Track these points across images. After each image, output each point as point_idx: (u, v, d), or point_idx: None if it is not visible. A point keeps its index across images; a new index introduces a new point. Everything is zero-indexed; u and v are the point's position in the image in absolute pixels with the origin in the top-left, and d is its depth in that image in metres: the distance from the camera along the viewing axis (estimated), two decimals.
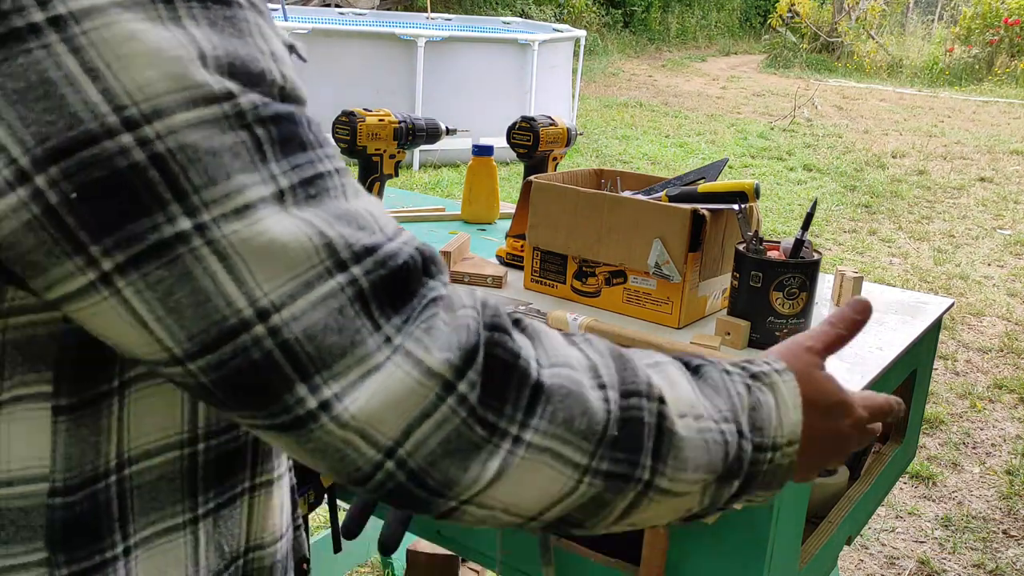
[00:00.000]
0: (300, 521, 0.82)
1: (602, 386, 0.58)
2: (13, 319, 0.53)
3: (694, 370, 0.63)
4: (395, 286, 0.52)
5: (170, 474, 0.61)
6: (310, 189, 0.51)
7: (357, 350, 0.50)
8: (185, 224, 0.46)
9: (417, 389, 0.51)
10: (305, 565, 0.84)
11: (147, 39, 0.45)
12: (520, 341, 0.57)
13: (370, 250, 0.51)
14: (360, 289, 0.50)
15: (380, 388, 0.50)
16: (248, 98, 0.48)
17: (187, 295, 0.47)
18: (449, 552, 2.06)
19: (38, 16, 0.44)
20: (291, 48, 0.61)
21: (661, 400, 0.59)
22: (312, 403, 0.50)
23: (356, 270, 0.50)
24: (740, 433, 0.62)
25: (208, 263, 0.47)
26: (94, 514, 0.58)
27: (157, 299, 0.47)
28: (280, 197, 0.49)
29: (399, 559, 2.23)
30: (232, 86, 0.48)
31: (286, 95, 0.53)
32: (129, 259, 0.46)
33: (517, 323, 0.60)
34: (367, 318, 0.50)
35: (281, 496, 0.72)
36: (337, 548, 1.46)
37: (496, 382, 0.53)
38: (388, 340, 0.51)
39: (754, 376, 0.65)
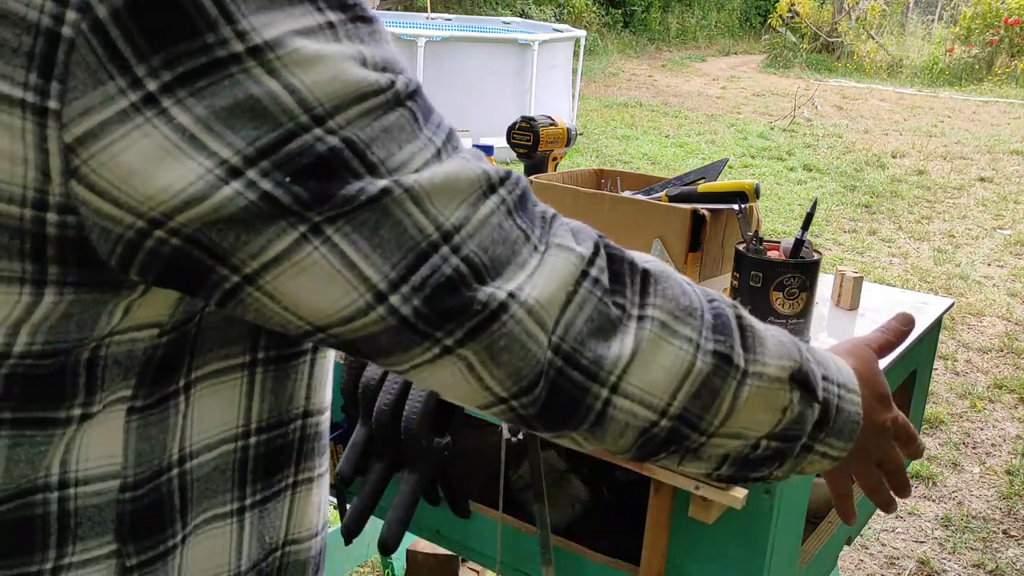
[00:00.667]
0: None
1: (688, 283, 0.67)
2: (119, 336, 0.58)
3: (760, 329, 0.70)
4: (525, 202, 0.61)
5: (224, 466, 0.67)
6: (452, 142, 0.59)
7: (518, 256, 0.58)
8: (381, 183, 0.54)
9: (573, 272, 0.59)
10: None
11: (325, 56, 0.53)
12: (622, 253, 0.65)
13: (505, 176, 0.60)
14: (508, 208, 0.59)
15: (549, 275, 0.58)
16: (400, 81, 0.57)
17: (388, 230, 0.54)
18: (449, 552, 2.06)
19: (238, 47, 0.51)
20: None
21: (735, 307, 0.68)
22: (502, 294, 0.57)
23: (503, 191, 0.59)
24: (802, 353, 0.69)
25: (405, 204, 0.54)
26: (159, 506, 0.63)
27: (365, 239, 0.53)
28: (438, 153, 0.57)
29: (399, 559, 2.23)
30: (388, 77, 0.56)
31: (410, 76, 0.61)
32: (340, 215, 0.53)
33: None
34: (519, 230, 0.59)
35: (320, 494, 0.77)
36: (348, 541, 1.46)
37: (615, 268, 0.61)
38: (539, 240, 0.59)
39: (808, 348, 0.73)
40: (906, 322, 0.85)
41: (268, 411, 0.69)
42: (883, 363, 1.24)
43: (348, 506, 1.20)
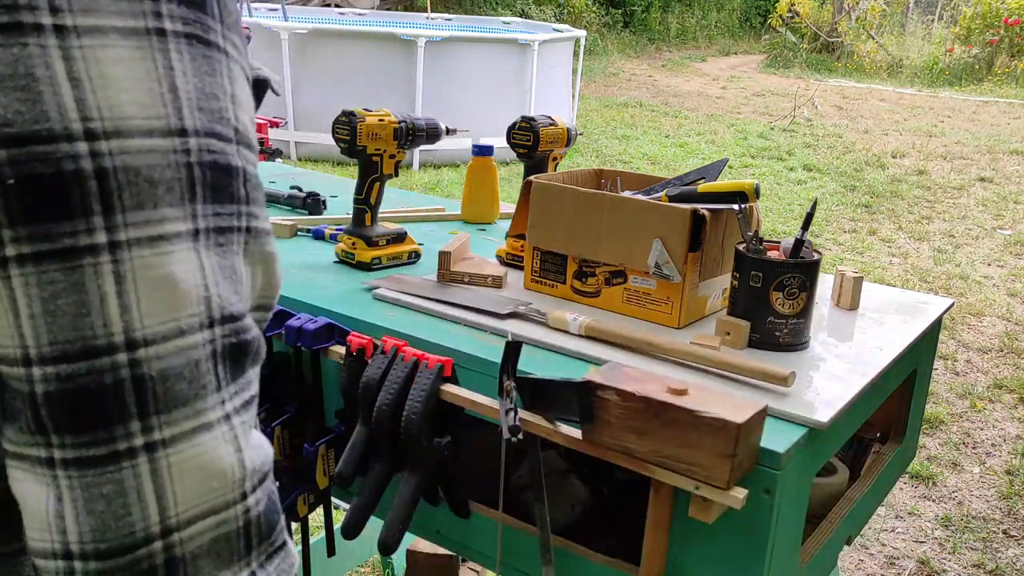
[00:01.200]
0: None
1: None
2: None
3: None
4: (239, 357, 0.56)
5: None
6: (220, 239, 0.55)
7: (198, 403, 0.53)
8: (101, 238, 0.49)
9: (227, 472, 0.54)
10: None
11: (132, 66, 0.49)
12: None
13: (232, 318, 0.55)
14: (215, 349, 0.54)
15: (200, 453, 0.53)
16: (200, 140, 0.52)
17: (71, 304, 0.49)
18: (449, 552, 2.06)
19: (46, 19, 0.47)
20: (266, 83, 0.65)
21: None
22: (138, 441, 0.51)
23: (218, 331, 0.54)
24: None
25: (104, 281, 0.49)
26: None
27: (41, 298, 0.48)
28: (195, 235, 0.53)
29: (399, 559, 2.23)
30: (190, 124, 0.52)
31: (240, 139, 0.57)
32: (34, 253, 0.48)
33: None
34: (213, 376, 0.54)
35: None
36: (331, 552, 1.46)
37: (270, 515, 0.58)
38: (223, 403, 0.54)
39: None
40: None
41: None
42: (882, 363, 1.25)
43: (348, 506, 1.21)
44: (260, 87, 0.69)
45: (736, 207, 1.28)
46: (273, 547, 0.59)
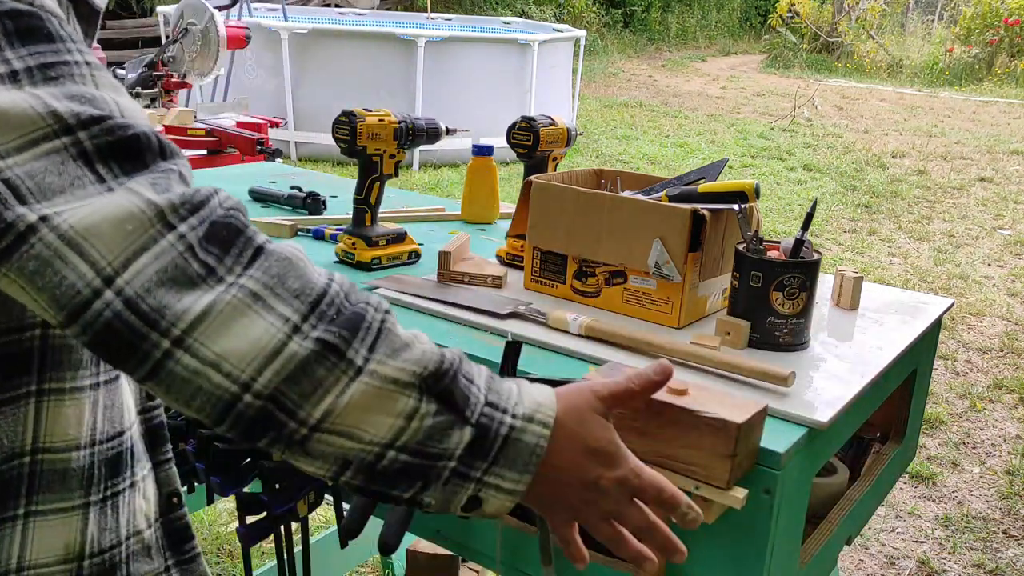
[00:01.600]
0: (169, 455, 0.91)
1: (331, 279, 0.65)
2: None
3: (441, 374, 0.66)
4: (125, 151, 0.60)
5: None
6: (49, 72, 0.59)
7: (76, 191, 0.58)
8: None
9: (136, 214, 0.58)
10: (176, 499, 0.91)
11: None
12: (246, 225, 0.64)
13: (97, 120, 0.60)
14: (83, 149, 0.59)
15: (99, 208, 0.57)
16: None
17: None
18: (449, 552, 2.06)
19: None
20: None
21: (388, 312, 0.65)
22: (31, 217, 0.57)
23: (81, 134, 0.59)
24: (453, 367, 0.66)
25: None
26: None
27: None
28: (13, 77, 0.57)
29: (399, 559, 2.23)
30: None
31: None
32: None
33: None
34: (89, 171, 0.59)
35: (81, 409, 0.78)
36: (344, 543, 1.46)
37: (223, 236, 0.60)
38: (111, 189, 0.59)
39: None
40: (661, 371, 0.78)
41: None
42: (882, 363, 1.25)
43: (348, 506, 1.20)
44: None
45: (736, 207, 1.28)
46: (244, 256, 0.61)
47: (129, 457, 0.85)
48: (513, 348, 1.09)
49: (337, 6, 11.07)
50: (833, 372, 1.20)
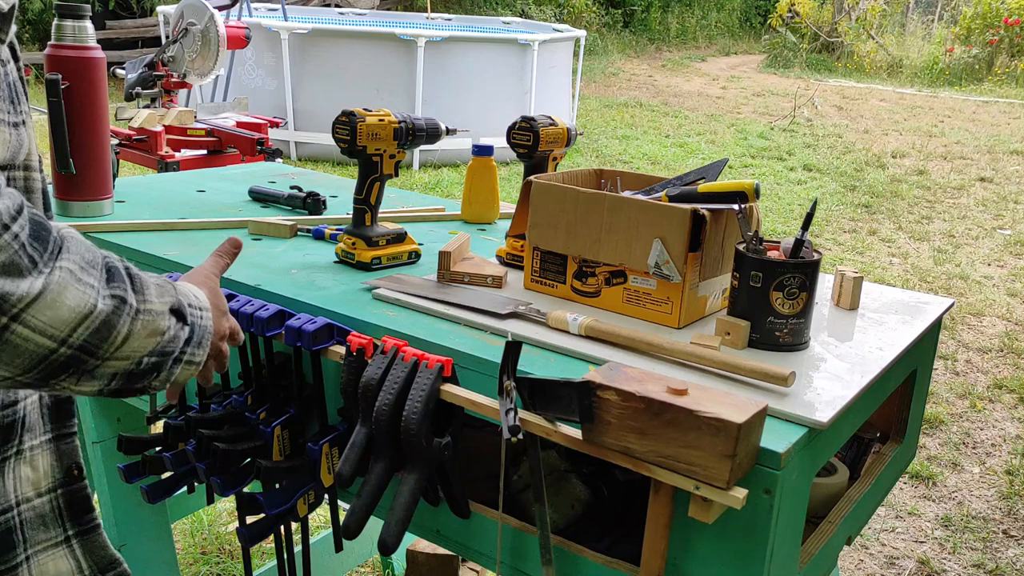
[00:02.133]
0: (74, 429, 1.03)
1: (89, 247, 0.81)
2: None
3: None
4: None
5: None
6: None
7: None
8: None
9: None
10: (77, 472, 1.03)
11: None
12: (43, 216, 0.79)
13: None
14: None
15: None
16: None
17: None
18: (449, 552, 2.06)
19: None
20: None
21: (123, 260, 0.85)
22: None
23: None
24: (176, 290, 0.91)
25: None
26: None
27: None
28: None
29: (399, 559, 2.23)
30: None
31: None
32: None
33: None
34: None
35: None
36: (339, 547, 1.46)
37: (38, 231, 0.75)
38: None
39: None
40: (234, 243, 1.14)
41: None
42: (882, 363, 1.25)
43: (348, 506, 1.21)
44: None
45: (736, 207, 1.28)
46: (58, 244, 0.76)
47: (20, 427, 0.96)
48: (513, 348, 1.09)
49: (337, 6, 11.07)
50: (833, 372, 1.20)
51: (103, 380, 0.83)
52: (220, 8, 4.41)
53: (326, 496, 1.37)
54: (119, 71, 4.07)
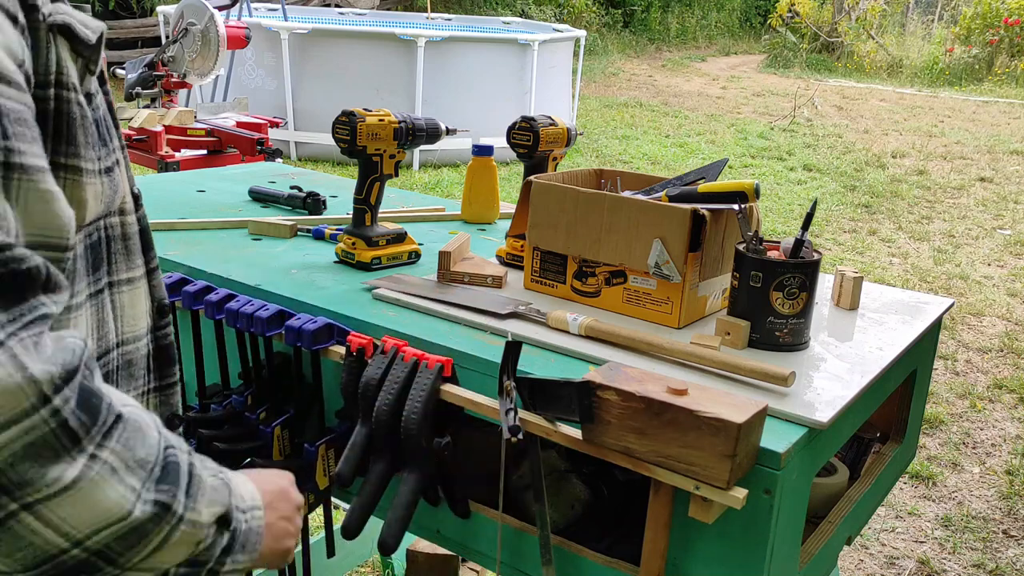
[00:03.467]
0: (175, 380, 0.94)
1: (159, 431, 0.70)
2: None
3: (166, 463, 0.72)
4: (11, 286, 0.58)
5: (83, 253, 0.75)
6: None
7: None
8: None
9: (15, 391, 0.57)
10: (176, 420, 0.96)
11: None
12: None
13: None
14: None
15: None
16: None
17: None
18: (449, 552, 2.06)
19: None
20: (69, 28, 0.69)
21: (190, 454, 0.73)
22: None
23: None
24: (230, 491, 0.78)
25: None
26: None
27: None
28: None
29: (399, 559, 2.23)
30: None
31: None
32: None
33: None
34: None
35: (138, 298, 0.84)
36: (331, 552, 1.46)
37: (92, 404, 0.62)
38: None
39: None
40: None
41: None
42: (882, 363, 1.25)
43: (348, 506, 1.20)
44: (68, 35, 0.72)
45: (736, 207, 1.28)
46: (106, 426, 0.64)
47: (116, 375, 0.87)
48: (513, 348, 1.09)
49: (337, 6, 11.07)
50: (833, 372, 1.20)
51: None
52: (220, 8, 4.41)
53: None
54: (119, 71, 4.07)
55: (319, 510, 1.44)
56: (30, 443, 0.58)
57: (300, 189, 1.94)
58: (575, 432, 1.05)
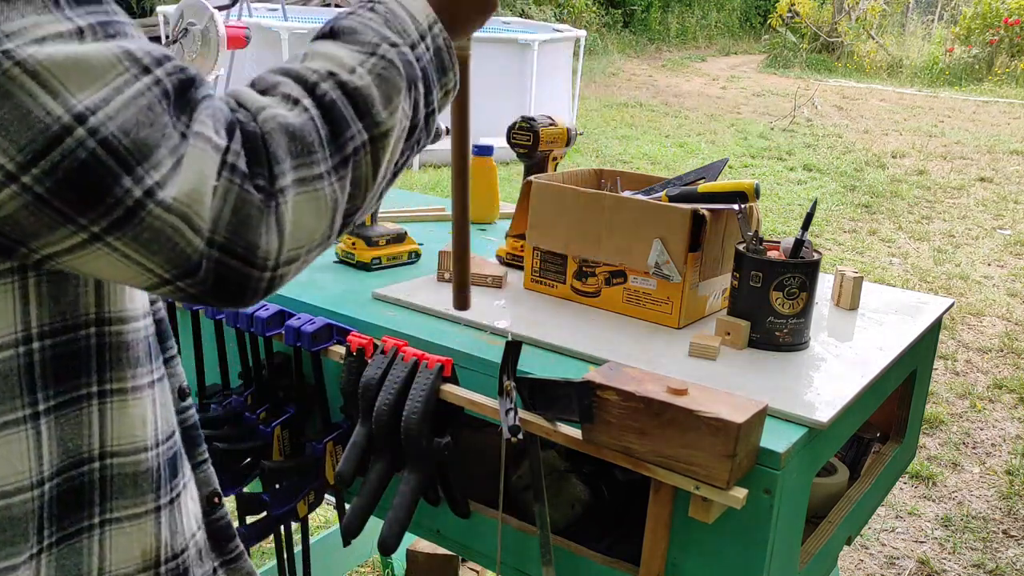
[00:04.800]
0: (205, 456, 0.91)
1: (295, 101, 0.67)
2: None
3: (335, 33, 0.73)
4: (186, 89, 0.62)
5: (7, 371, 0.68)
6: (108, 29, 0.60)
7: (167, 141, 0.59)
8: None
9: (212, 164, 0.60)
10: (217, 499, 0.90)
11: None
12: (242, 110, 0.66)
13: (169, 58, 0.61)
14: (165, 88, 0.60)
15: (188, 168, 0.59)
16: None
17: (9, 111, 0.55)
18: (449, 552, 2.06)
19: None
20: None
21: (332, 74, 0.69)
22: (138, 192, 0.58)
23: (159, 72, 0.60)
24: (395, 45, 0.73)
25: (22, 81, 0.55)
26: None
27: None
28: (80, 33, 0.57)
29: (399, 559, 2.23)
30: None
31: None
32: None
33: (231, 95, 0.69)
34: (170, 114, 0.60)
35: (144, 407, 0.77)
36: (347, 542, 1.46)
37: (250, 147, 0.63)
38: (187, 128, 0.60)
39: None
40: None
41: (49, 316, 0.69)
42: (882, 363, 1.25)
43: (348, 506, 1.21)
44: None
45: (736, 207, 1.28)
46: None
47: (180, 456, 0.84)
48: (513, 348, 1.09)
49: (337, 6, 11.07)
50: (833, 372, 1.20)
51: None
52: (220, 8, 4.41)
53: (327, 495, 1.37)
54: None
55: (321, 508, 1.44)
56: (233, 208, 0.61)
57: None
58: (575, 432, 1.05)
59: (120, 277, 0.62)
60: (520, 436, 1.03)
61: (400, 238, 1.57)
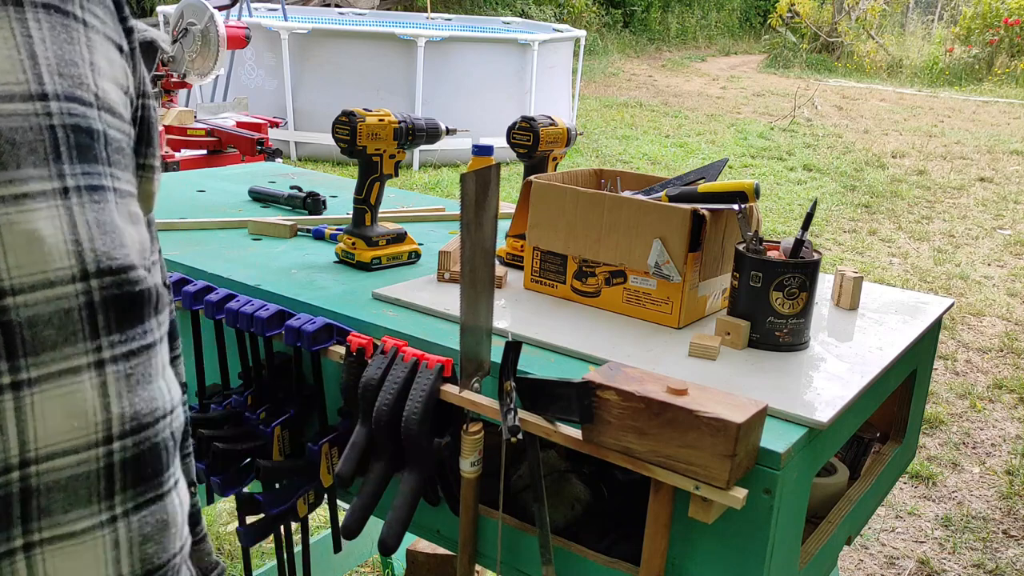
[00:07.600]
0: (190, 451, 0.89)
1: (179, 552, 0.63)
2: None
3: None
4: (127, 308, 0.58)
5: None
6: (95, 196, 0.58)
7: (67, 348, 0.56)
8: None
9: (89, 417, 0.56)
10: (192, 488, 0.91)
11: None
12: None
13: (115, 271, 0.58)
14: (91, 300, 0.56)
15: (66, 399, 0.55)
16: (61, 104, 0.56)
17: None
18: (449, 552, 2.06)
19: None
20: (153, 45, 0.66)
21: None
22: (5, 379, 0.54)
23: (95, 283, 0.57)
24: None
25: None
26: None
27: None
28: (65, 193, 0.56)
29: (399, 559, 2.23)
30: (51, 88, 0.55)
31: (101, 105, 0.60)
32: None
33: None
34: (89, 325, 0.57)
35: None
36: (337, 548, 1.46)
37: (145, 472, 0.59)
38: (99, 350, 0.57)
39: None
40: None
41: None
42: (882, 363, 1.25)
43: (348, 506, 1.20)
44: (149, 50, 0.72)
45: (736, 207, 1.28)
46: (144, 497, 0.60)
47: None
48: (513, 348, 1.09)
49: (337, 6, 11.08)
50: (833, 372, 1.20)
51: None
52: (220, 8, 4.41)
53: (326, 496, 1.37)
54: None
55: (321, 508, 1.44)
56: (73, 476, 0.56)
57: (300, 189, 1.95)
58: (575, 432, 1.05)
59: None
60: (520, 436, 1.03)
61: (400, 238, 1.58)
